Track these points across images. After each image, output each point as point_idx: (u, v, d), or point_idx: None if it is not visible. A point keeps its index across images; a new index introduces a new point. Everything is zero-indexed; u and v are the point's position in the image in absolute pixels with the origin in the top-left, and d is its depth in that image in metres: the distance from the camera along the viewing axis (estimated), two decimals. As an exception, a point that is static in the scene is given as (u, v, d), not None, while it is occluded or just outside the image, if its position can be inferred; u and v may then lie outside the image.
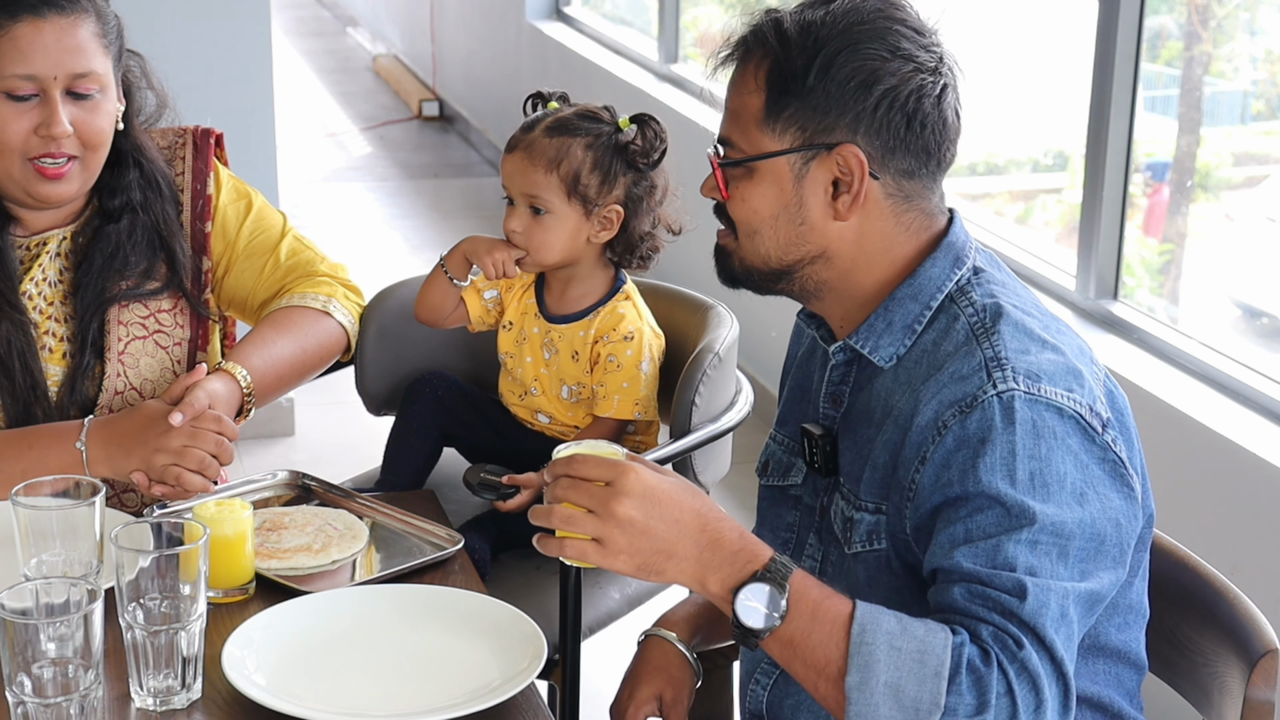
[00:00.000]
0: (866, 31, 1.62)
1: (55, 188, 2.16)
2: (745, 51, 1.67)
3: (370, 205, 6.89)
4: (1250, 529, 2.72)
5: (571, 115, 2.38)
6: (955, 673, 1.45)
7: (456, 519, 2.38)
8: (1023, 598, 1.48)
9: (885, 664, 1.45)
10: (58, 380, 2.22)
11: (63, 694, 1.53)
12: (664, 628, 1.89)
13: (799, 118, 1.62)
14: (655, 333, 2.46)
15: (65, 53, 2.11)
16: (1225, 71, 3.74)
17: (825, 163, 1.63)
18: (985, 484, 1.51)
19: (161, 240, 2.27)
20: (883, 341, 1.66)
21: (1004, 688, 1.45)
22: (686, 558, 1.51)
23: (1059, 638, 1.48)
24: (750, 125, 1.64)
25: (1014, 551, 1.49)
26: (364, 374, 2.61)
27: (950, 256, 1.67)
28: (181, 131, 2.35)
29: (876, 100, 1.61)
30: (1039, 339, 1.59)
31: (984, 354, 1.57)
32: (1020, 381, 1.54)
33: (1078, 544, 1.51)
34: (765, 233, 1.66)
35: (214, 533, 1.82)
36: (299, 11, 11.83)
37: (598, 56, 6.00)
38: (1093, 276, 3.30)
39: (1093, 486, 1.54)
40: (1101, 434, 1.55)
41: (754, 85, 1.64)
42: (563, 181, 2.34)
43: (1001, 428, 1.52)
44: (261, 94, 4.16)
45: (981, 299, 1.63)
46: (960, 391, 1.56)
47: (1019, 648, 1.46)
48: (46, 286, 2.23)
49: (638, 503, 1.51)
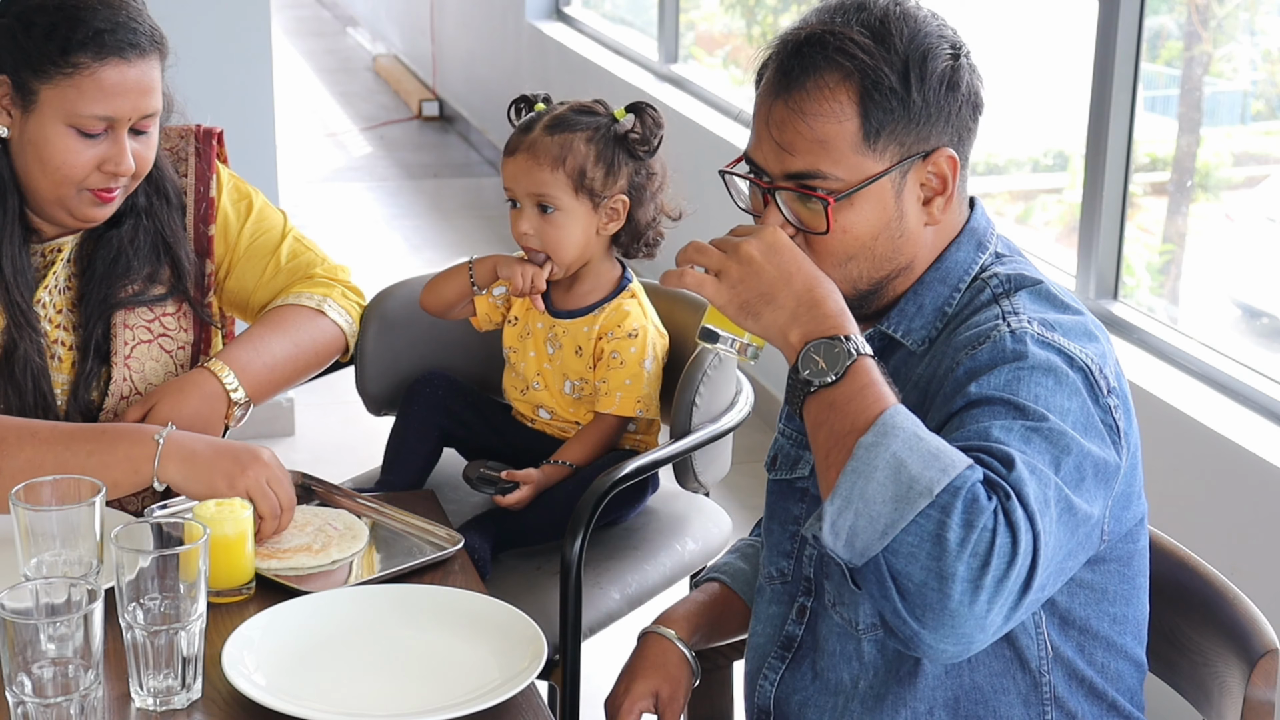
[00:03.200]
0: (928, 29, 1.61)
1: (103, 210, 2.17)
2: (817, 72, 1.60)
3: (370, 205, 6.89)
4: (1250, 529, 2.72)
5: (567, 111, 2.39)
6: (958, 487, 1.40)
7: (456, 519, 2.39)
8: (1010, 467, 1.44)
9: (902, 440, 1.42)
10: (65, 388, 2.22)
11: (63, 694, 1.53)
12: (663, 625, 1.89)
13: (899, 133, 1.60)
14: (660, 331, 2.46)
15: (142, 95, 2.12)
16: (1225, 71, 3.74)
17: (919, 169, 1.63)
18: (988, 391, 1.51)
19: (166, 246, 2.27)
20: (915, 325, 1.67)
21: (991, 523, 1.39)
22: (783, 307, 1.54)
23: (1040, 514, 1.43)
24: (848, 151, 1.59)
25: (1005, 436, 1.47)
26: (364, 374, 2.61)
27: (974, 241, 1.68)
28: (184, 132, 2.35)
29: (961, 100, 1.62)
30: (1060, 304, 1.60)
31: (1001, 308, 1.59)
32: (1034, 325, 1.55)
33: (1071, 460, 1.48)
34: (861, 256, 1.64)
35: (214, 533, 1.82)
36: (299, 11, 11.83)
37: (598, 56, 6.00)
38: (1093, 276, 3.30)
39: (1092, 430, 1.52)
40: (1105, 395, 1.54)
41: (845, 110, 1.59)
42: (569, 177, 2.35)
43: (1011, 356, 1.52)
44: (261, 94, 4.16)
45: (1007, 271, 1.65)
46: (974, 335, 1.57)
47: (1007, 499, 1.42)
48: (57, 294, 2.23)
49: (763, 247, 1.55)
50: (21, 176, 2.14)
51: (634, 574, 2.45)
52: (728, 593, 1.95)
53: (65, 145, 2.10)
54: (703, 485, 2.54)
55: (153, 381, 2.26)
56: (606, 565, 2.44)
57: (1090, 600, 1.64)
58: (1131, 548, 1.66)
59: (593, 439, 2.43)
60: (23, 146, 2.12)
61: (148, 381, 2.26)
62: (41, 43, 2.08)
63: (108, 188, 2.14)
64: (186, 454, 2.01)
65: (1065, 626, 1.64)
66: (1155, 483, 2.93)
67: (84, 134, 2.10)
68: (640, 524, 2.56)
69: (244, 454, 2.01)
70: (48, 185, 2.13)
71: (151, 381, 2.26)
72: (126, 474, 2.01)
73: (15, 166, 2.14)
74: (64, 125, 2.09)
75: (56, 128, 2.10)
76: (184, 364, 2.30)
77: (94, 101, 2.08)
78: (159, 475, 2.01)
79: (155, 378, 2.26)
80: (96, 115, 2.09)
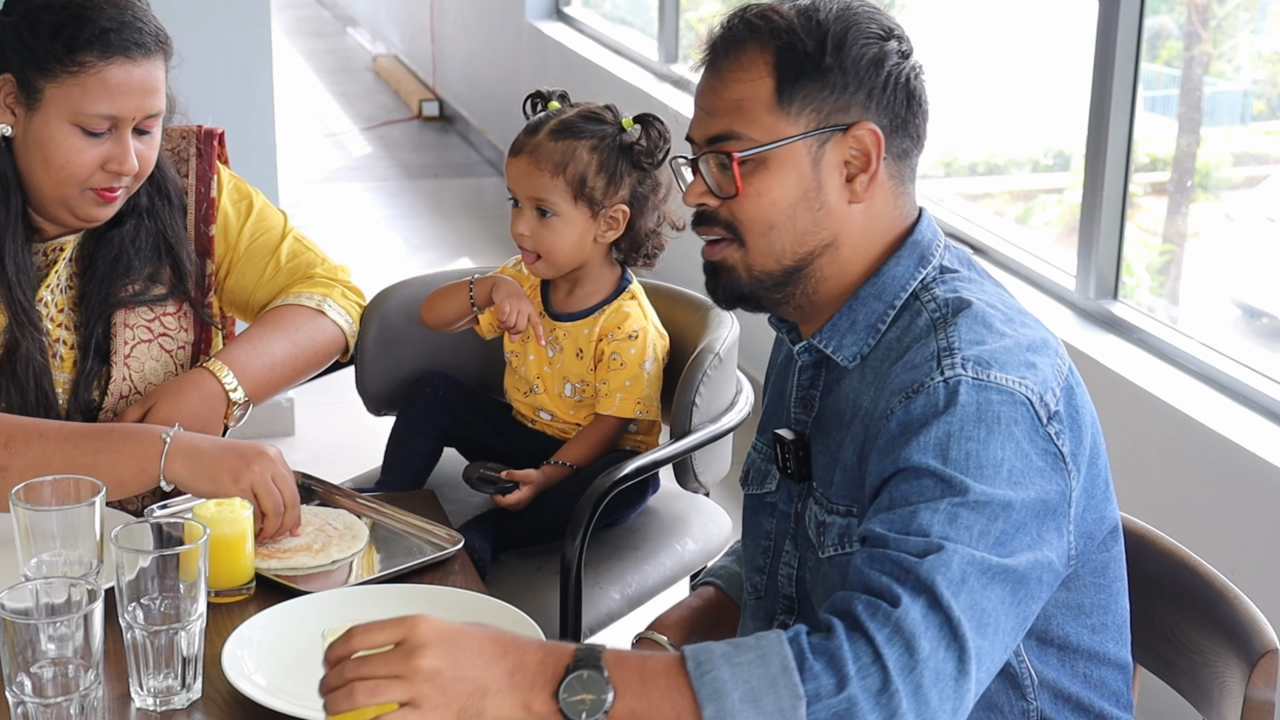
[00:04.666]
0: (860, 14, 1.63)
1: (106, 210, 2.17)
2: (739, 42, 1.63)
3: (370, 205, 6.89)
4: (1250, 529, 2.72)
5: (575, 117, 2.38)
6: (802, 660, 1.41)
7: (456, 519, 2.38)
8: (923, 557, 1.45)
9: (732, 682, 1.40)
10: (66, 387, 2.22)
11: (63, 694, 1.53)
12: (657, 630, 1.88)
13: (814, 99, 1.60)
14: (660, 333, 2.46)
15: (146, 94, 2.12)
16: (1225, 71, 3.74)
17: (840, 144, 1.62)
18: (916, 460, 1.50)
19: (167, 246, 2.27)
20: (846, 340, 1.66)
21: (870, 656, 1.40)
22: (501, 688, 1.42)
23: (955, 599, 1.43)
24: (761, 112, 1.61)
25: (929, 520, 1.47)
26: (364, 374, 2.61)
27: (915, 255, 1.66)
28: (185, 132, 2.35)
29: (886, 77, 1.61)
30: (997, 330, 1.57)
31: (938, 344, 1.56)
32: (968, 368, 1.52)
33: (1000, 524, 1.49)
34: (782, 225, 1.63)
35: (214, 533, 1.82)
36: (299, 11, 11.83)
37: (598, 56, 6.00)
38: (1093, 276, 3.30)
39: (1029, 474, 1.51)
40: (1046, 425, 1.53)
41: (759, 71, 1.61)
42: (569, 184, 2.35)
43: (943, 411, 1.51)
44: (261, 94, 4.16)
45: (944, 294, 1.62)
46: (909, 379, 1.55)
47: (894, 607, 1.42)
48: (59, 293, 2.23)
49: (439, 650, 1.41)
50: (25, 175, 2.14)
51: (634, 574, 2.45)
52: (722, 597, 1.95)
53: (69, 144, 2.10)
54: (703, 485, 2.54)
55: (152, 381, 2.26)
56: (606, 565, 2.44)
57: (1068, 618, 1.64)
58: (1105, 556, 1.66)
59: (593, 440, 2.43)
60: (26, 145, 2.13)
61: (147, 381, 2.26)
62: (47, 41, 2.08)
63: (110, 187, 2.14)
64: (192, 452, 2.01)
65: (1045, 647, 1.64)
66: (1156, 483, 2.93)
67: (88, 133, 2.10)
68: (640, 524, 2.56)
69: (249, 450, 2.01)
70: (51, 184, 2.13)
71: (151, 381, 2.26)
72: (133, 472, 2.01)
73: (19, 165, 2.14)
74: (68, 124, 2.10)
75: (61, 126, 2.10)
76: (184, 364, 2.30)
77: (98, 100, 2.08)
78: (165, 473, 2.01)
79: (155, 377, 2.26)
80: (101, 114, 2.09)
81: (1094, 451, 1.61)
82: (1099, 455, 1.62)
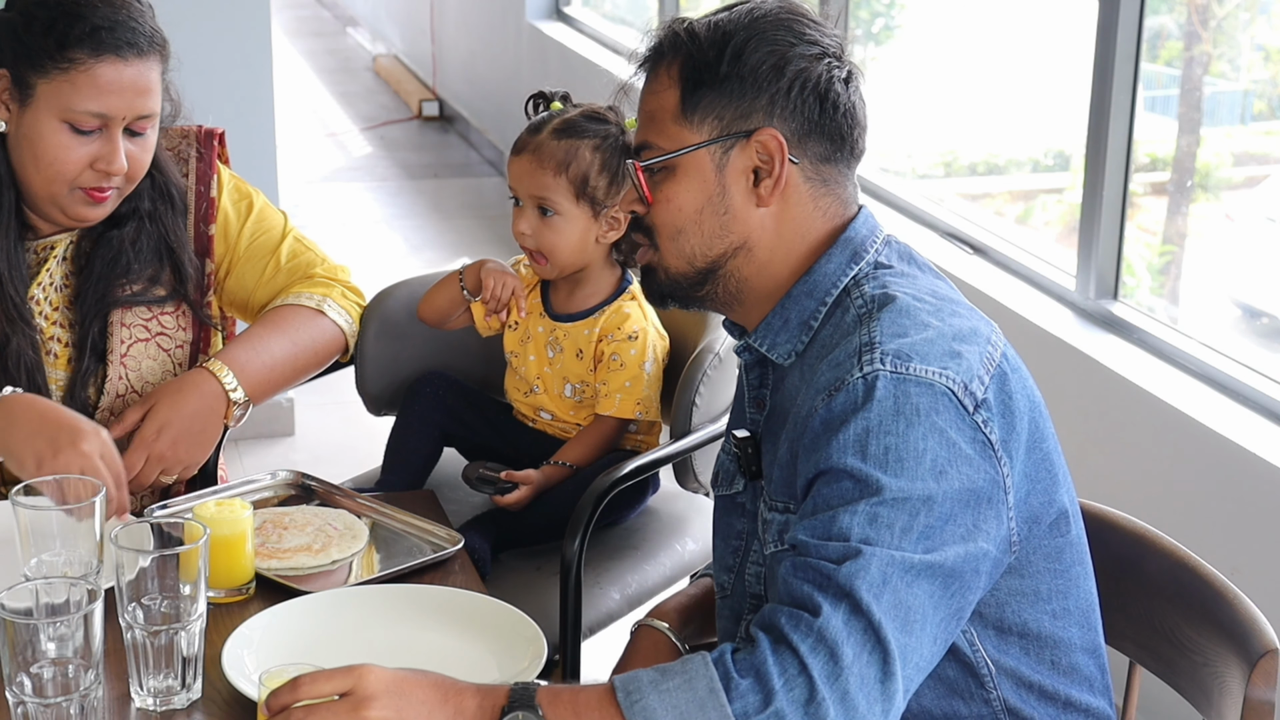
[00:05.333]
0: (770, 22, 1.66)
1: (96, 210, 2.17)
2: (656, 56, 1.70)
3: (370, 205, 6.89)
4: (1250, 529, 2.71)
5: (578, 117, 2.38)
6: (728, 680, 1.44)
7: (456, 519, 2.39)
8: (841, 563, 1.47)
9: (661, 709, 1.43)
10: (62, 385, 2.23)
11: (63, 694, 1.53)
12: (657, 618, 1.89)
13: (715, 107, 1.64)
14: (660, 333, 2.47)
15: (138, 95, 2.12)
16: (1225, 71, 3.74)
17: (745, 150, 1.65)
18: (836, 459, 1.52)
19: (169, 250, 2.27)
20: (780, 339, 1.68)
21: (796, 668, 1.43)
22: None
23: (877, 601, 1.46)
24: (667, 122, 1.66)
25: (849, 522, 1.49)
26: (364, 374, 2.61)
27: (847, 252, 1.67)
28: (186, 132, 2.35)
29: (789, 82, 1.63)
30: (921, 322, 1.58)
31: (859, 340, 1.58)
32: (887, 362, 1.54)
33: (923, 519, 1.50)
34: (690, 230, 1.67)
35: (214, 533, 1.82)
36: (299, 11, 11.83)
37: (598, 56, 6.00)
38: (1093, 276, 3.30)
39: (955, 463, 1.52)
40: (972, 413, 1.54)
41: (666, 83, 1.67)
42: (571, 184, 2.35)
43: (861, 406, 1.53)
44: (261, 94, 4.16)
45: (872, 290, 1.64)
46: (831, 377, 1.57)
47: (816, 616, 1.45)
48: (53, 291, 2.23)
49: (386, 700, 1.46)
50: (17, 172, 2.15)
51: (634, 574, 2.45)
52: None
53: (58, 141, 2.10)
54: (703, 485, 2.54)
55: (149, 380, 2.26)
56: (606, 565, 2.44)
57: (1025, 604, 1.64)
58: (1060, 541, 1.66)
59: (593, 440, 2.43)
60: (19, 141, 2.13)
61: (144, 380, 2.26)
62: (40, 37, 2.08)
63: (100, 187, 2.14)
64: (9, 420, 2.01)
65: (1004, 636, 1.64)
66: (1155, 483, 2.93)
67: (77, 130, 2.10)
68: (640, 524, 2.56)
69: (64, 436, 1.99)
70: (40, 181, 2.13)
71: (148, 380, 2.26)
72: None
73: (12, 162, 2.15)
74: (58, 120, 2.10)
75: (50, 123, 2.10)
76: (182, 363, 2.30)
77: (88, 98, 2.08)
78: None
79: (152, 376, 2.26)
80: (90, 111, 2.09)
81: (1035, 436, 1.61)
82: (1043, 439, 1.63)
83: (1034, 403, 1.63)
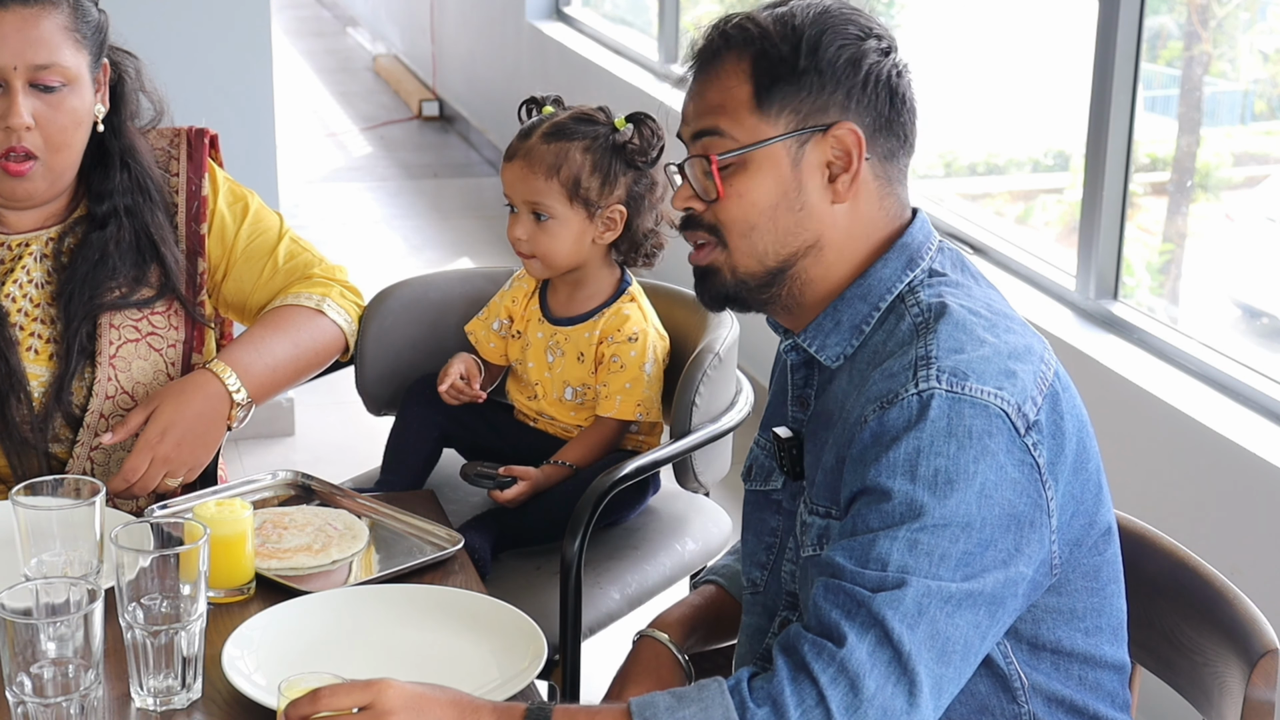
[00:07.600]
0: (836, 17, 1.64)
1: (20, 185, 2.14)
2: (717, 54, 1.65)
3: (370, 205, 6.89)
4: (1250, 529, 2.72)
5: (567, 119, 2.38)
6: (744, 709, 1.45)
7: (456, 519, 2.39)
8: (877, 592, 1.46)
9: None
10: (44, 381, 2.21)
11: (63, 694, 1.53)
12: (658, 629, 1.89)
13: (792, 100, 1.61)
14: (660, 334, 2.46)
15: (26, 44, 2.08)
16: (1226, 71, 3.74)
17: (820, 145, 1.62)
18: (884, 479, 1.51)
19: (152, 247, 2.25)
20: (830, 341, 1.66)
21: (814, 699, 1.44)
22: None
23: (910, 631, 1.45)
24: (743, 113, 1.62)
25: (888, 549, 1.48)
26: (364, 374, 2.61)
27: (904, 258, 1.66)
28: (176, 132, 2.34)
29: (865, 77, 1.62)
30: (978, 338, 1.56)
31: (916, 352, 1.56)
32: (943, 380, 1.52)
33: (963, 544, 1.49)
34: (763, 226, 1.64)
35: (214, 533, 1.82)
36: (299, 11, 11.83)
37: (598, 56, 6.00)
38: (1093, 276, 3.30)
39: (1001, 487, 1.51)
40: (1024, 435, 1.53)
41: (737, 75, 1.63)
42: (564, 186, 2.35)
43: (914, 424, 1.51)
44: (261, 94, 4.16)
45: (928, 299, 1.62)
46: (885, 388, 1.55)
47: (840, 646, 1.45)
48: (32, 288, 2.22)
49: (405, 716, 1.48)
50: None
51: (634, 574, 2.45)
52: (723, 595, 1.95)
53: None
54: (703, 485, 2.54)
55: (140, 380, 2.25)
56: (606, 565, 2.44)
57: (1059, 622, 1.64)
58: (1098, 560, 1.65)
59: (593, 441, 2.43)
60: None
61: (134, 381, 2.25)
62: None
63: (11, 148, 2.10)
64: None
65: (1037, 652, 1.63)
66: (1156, 483, 2.93)
67: None
68: (640, 524, 2.56)
69: None
70: None
71: (139, 381, 2.25)
72: None
73: None
74: None
75: None
76: (174, 362, 2.29)
77: None
78: None
79: (143, 376, 2.25)
80: None
81: (1081, 457, 1.60)
82: (1088, 459, 1.62)
83: (1081, 422, 1.61)
